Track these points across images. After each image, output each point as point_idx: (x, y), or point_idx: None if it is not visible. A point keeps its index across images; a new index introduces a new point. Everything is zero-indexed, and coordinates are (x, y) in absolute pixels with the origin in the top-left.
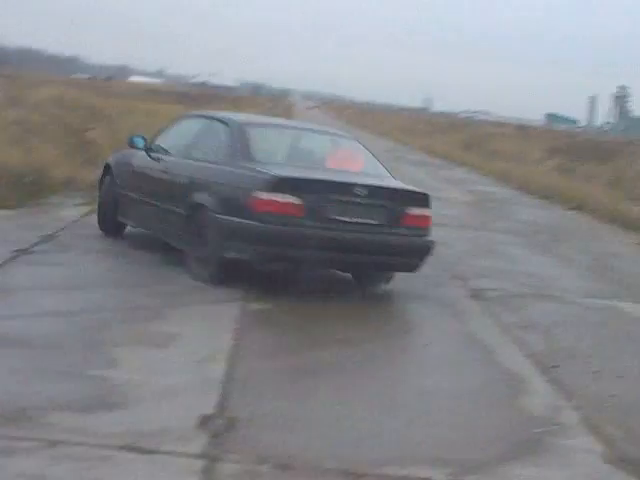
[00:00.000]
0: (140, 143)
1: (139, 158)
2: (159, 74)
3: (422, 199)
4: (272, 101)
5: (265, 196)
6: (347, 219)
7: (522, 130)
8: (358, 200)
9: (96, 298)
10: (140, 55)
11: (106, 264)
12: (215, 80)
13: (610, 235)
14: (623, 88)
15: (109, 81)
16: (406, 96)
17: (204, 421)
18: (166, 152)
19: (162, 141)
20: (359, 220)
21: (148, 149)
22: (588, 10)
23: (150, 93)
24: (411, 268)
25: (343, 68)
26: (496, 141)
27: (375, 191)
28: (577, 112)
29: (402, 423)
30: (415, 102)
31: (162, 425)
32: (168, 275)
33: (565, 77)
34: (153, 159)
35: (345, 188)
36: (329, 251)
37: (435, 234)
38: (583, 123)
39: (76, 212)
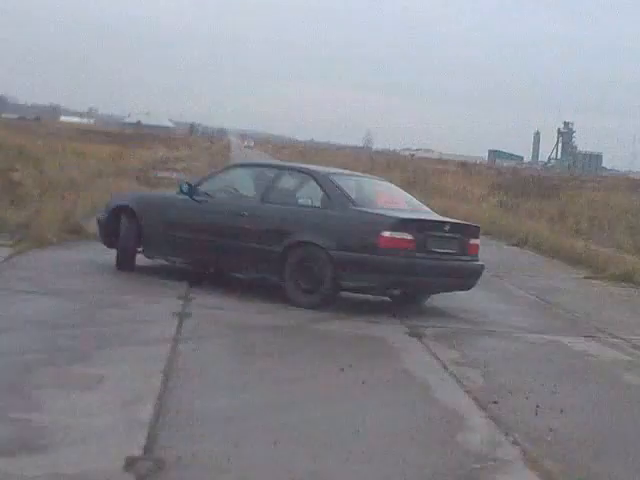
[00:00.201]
0: (186, 189)
1: (186, 202)
2: (90, 114)
3: (477, 231)
4: (208, 140)
5: (389, 235)
6: (440, 250)
7: (465, 167)
8: (445, 234)
9: (21, 340)
10: (71, 95)
11: (35, 305)
12: (150, 120)
13: (553, 270)
14: (567, 124)
15: (38, 121)
16: (347, 135)
17: (130, 463)
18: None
19: (212, 186)
20: (447, 250)
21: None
22: (531, 48)
23: (80, 133)
24: (470, 287)
25: (282, 107)
26: (439, 178)
27: (454, 226)
28: (522, 149)
29: (338, 462)
30: (356, 141)
31: (86, 468)
32: (98, 316)
33: (510, 114)
34: (214, 202)
35: (439, 225)
36: (431, 277)
37: None
38: (528, 159)
39: (5, 252)
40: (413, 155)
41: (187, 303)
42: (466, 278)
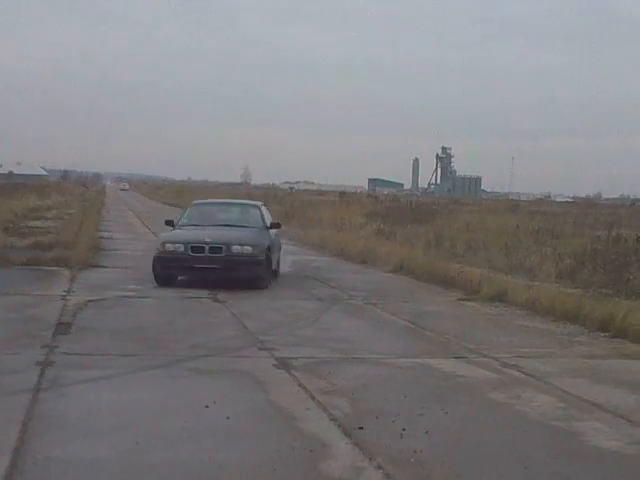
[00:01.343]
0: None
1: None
2: None
3: None
4: (82, 186)
5: None
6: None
7: (344, 197)
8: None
9: None
10: None
11: None
12: (22, 169)
13: (427, 294)
14: (445, 149)
15: None
16: (225, 172)
17: None
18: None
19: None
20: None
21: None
22: (407, 74)
23: None
24: None
25: (157, 148)
26: (317, 209)
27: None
28: (402, 176)
29: None
30: (234, 177)
31: None
32: None
33: (388, 142)
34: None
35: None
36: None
37: (246, 306)
38: (408, 186)
39: None
40: (292, 188)
41: (51, 351)
42: None
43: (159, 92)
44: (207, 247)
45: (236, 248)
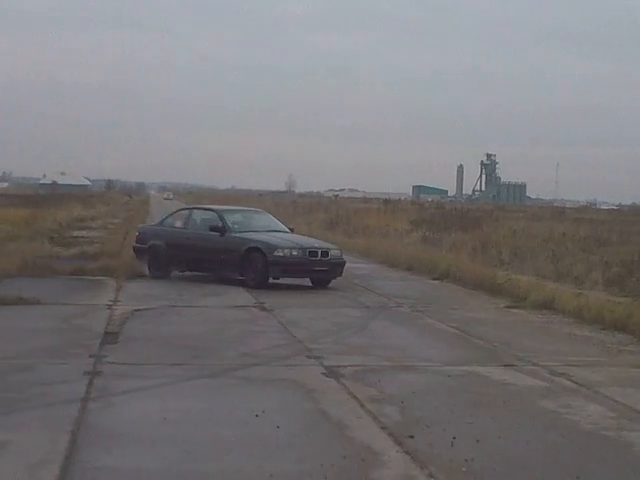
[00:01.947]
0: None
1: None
2: (4, 178)
3: None
4: (127, 196)
5: None
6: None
7: (389, 204)
8: None
9: None
10: None
11: None
12: (66, 179)
13: (474, 301)
14: (490, 156)
15: None
16: (269, 180)
17: None
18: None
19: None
20: None
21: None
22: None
23: None
24: None
25: (201, 157)
26: (362, 217)
27: None
28: (446, 183)
29: None
30: (278, 185)
31: None
32: (4, 382)
33: (433, 149)
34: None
35: None
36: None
37: (293, 315)
38: (452, 193)
39: None
40: (337, 196)
41: (98, 361)
42: None
43: (202, 102)
44: (319, 252)
45: (333, 252)
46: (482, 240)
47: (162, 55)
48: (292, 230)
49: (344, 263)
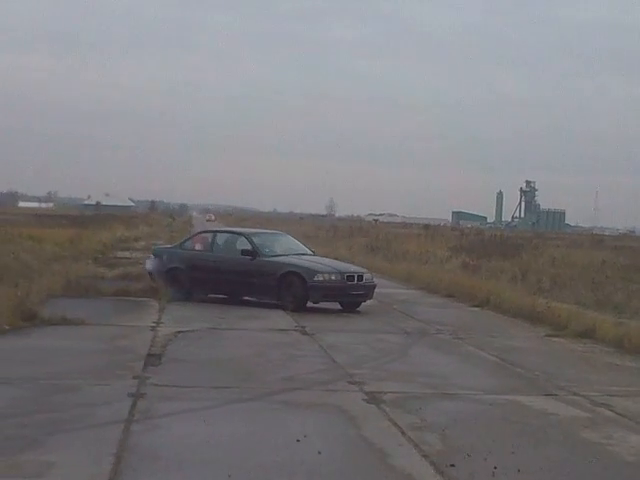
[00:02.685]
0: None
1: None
2: (50, 198)
3: None
4: (169, 217)
5: None
6: None
7: (428, 229)
8: None
9: None
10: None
11: None
12: (110, 200)
13: (514, 329)
14: (529, 183)
15: None
16: (310, 203)
17: None
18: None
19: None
20: None
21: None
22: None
23: (37, 218)
24: None
25: (243, 180)
26: (402, 242)
27: None
28: (486, 209)
29: None
30: (319, 209)
31: None
32: (49, 402)
33: (472, 175)
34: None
35: None
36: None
37: (334, 339)
38: (492, 219)
39: None
40: (377, 220)
41: (142, 383)
42: None
43: (247, 126)
44: (356, 276)
45: (366, 276)
46: (522, 267)
47: (211, 79)
48: (314, 253)
49: (375, 286)
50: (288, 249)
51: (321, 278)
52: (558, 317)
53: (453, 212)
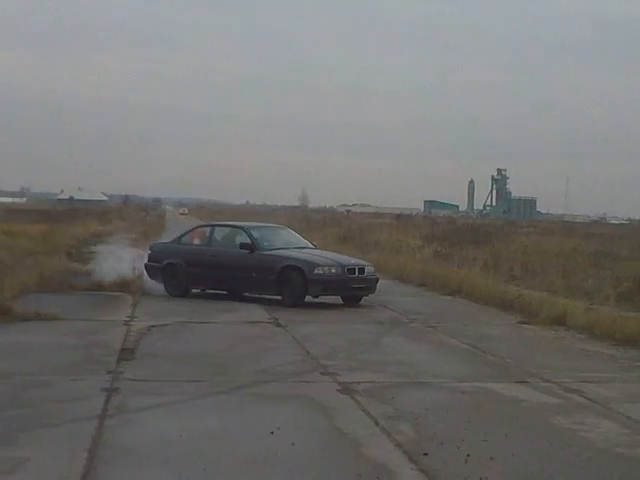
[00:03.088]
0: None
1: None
2: (23, 193)
3: None
4: (143, 211)
5: None
6: None
7: (400, 219)
8: None
9: None
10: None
11: None
12: (83, 195)
13: (486, 317)
14: (501, 171)
15: None
16: (283, 195)
17: None
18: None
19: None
20: None
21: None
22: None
23: (9, 213)
24: None
25: (216, 173)
26: (374, 232)
27: None
28: (458, 198)
29: None
30: (292, 200)
31: None
32: (22, 398)
33: (444, 164)
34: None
35: None
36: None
37: (307, 330)
38: (464, 208)
39: None
40: (349, 211)
41: (116, 377)
42: None
43: (217, 118)
44: (357, 268)
45: (368, 269)
46: (493, 255)
47: (179, 71)
48: (315, 246)
49: (378, 280)
50: (288, 242)
51: (321, 271)
52: (530, 304)
53: (425, 201)
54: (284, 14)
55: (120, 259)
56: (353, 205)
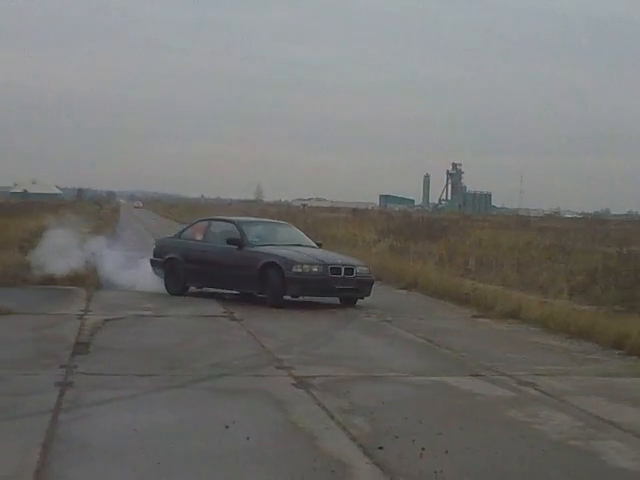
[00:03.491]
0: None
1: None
2: None
3: None
4: (96, 204)
5: None
6: None
7: (356, 213)
8: None
9: None
10: None
11: None
12: (36, 188)
13: (441, 311)
14: (456, 165)
15: None
16: (238, 189)
17: None
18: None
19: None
20: None
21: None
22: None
23: None
24: None
25: (170, 167)
26: (330, 226)
27: None
28: (413, 192)
29: None
30: (247, 194)
31: None
32: None
33: (399, 159)
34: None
35: None
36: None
37: (263, 325)
38: (419, 202)
39: None
40: (305, 205)
41: (70, 371)
42: None
43: (171, 112)
44: (343, 268)
45: (360, 269)
46: (449, 249)
47: (130, 62)
48: (320, 245)
49: (372, 282)
50: (285, 240)
51: (299, 269)
52: (484, 298)
53: (381, 195)
54: (239, 5)
55: (71, 252)
56: (309, 199)
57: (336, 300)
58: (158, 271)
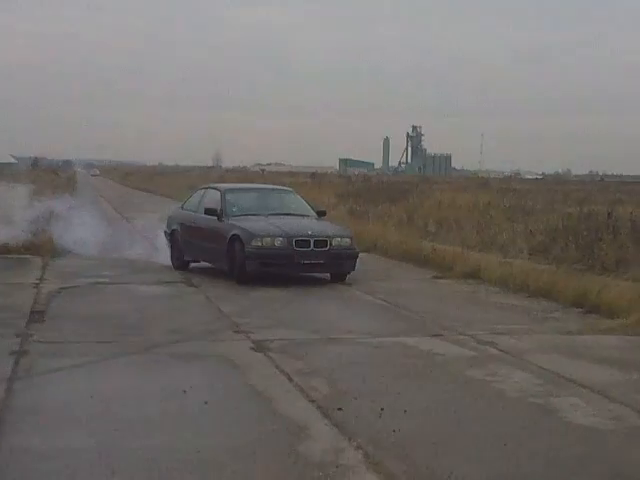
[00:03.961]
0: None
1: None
2: None
3: None
4: (53, 173)
5: None
6: None
7: (315, 177)
8: None
9: None
10: None
11: None
12: None
13: (402, 273)
14: (416, 128)
15: None
16: (196, 155)
17: None
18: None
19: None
20: None
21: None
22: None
23: None
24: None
25: (127, 134)
26: None
27: None
28: (373, 155)
29: None
30: (206, 161)
31: None
32: None
33: (358, 122)
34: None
35: None
36: None
37: (221, 290)
38: (379, 166)
39: None
40: (264, 170)
41: (25, 340)
42: None
43: (128, 77)
44: (312, 241)
45: (337, 241)
46: (408, 212)
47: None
48: (324, 213)
49: (355, 255)
50: (275, 209)
51: (259, 243)
52: (444, 259)
53: (340, 159)
54: None
55: (26, 220)
56: (267, 164)
57: (327, 275)
58: (168, 244)
